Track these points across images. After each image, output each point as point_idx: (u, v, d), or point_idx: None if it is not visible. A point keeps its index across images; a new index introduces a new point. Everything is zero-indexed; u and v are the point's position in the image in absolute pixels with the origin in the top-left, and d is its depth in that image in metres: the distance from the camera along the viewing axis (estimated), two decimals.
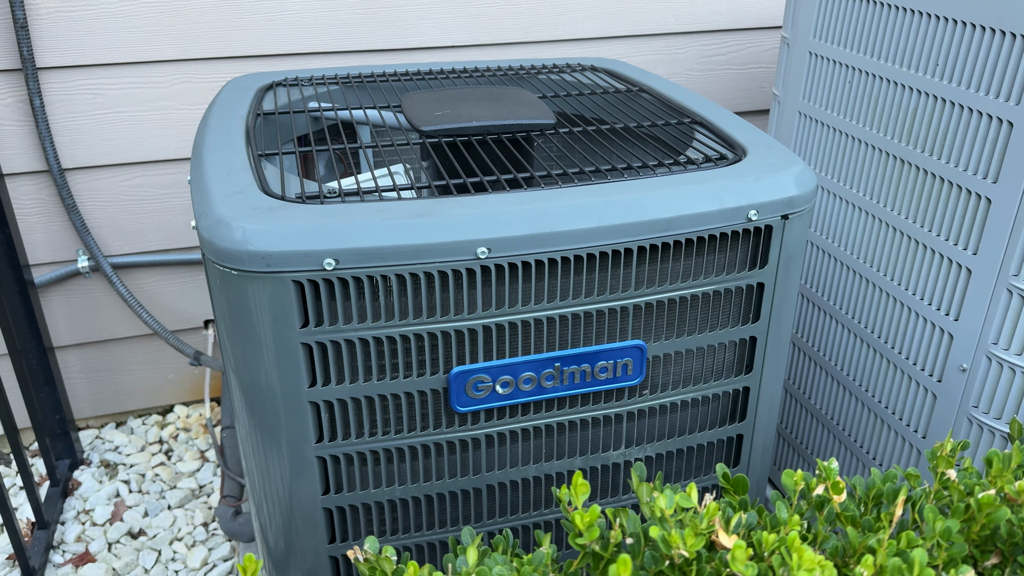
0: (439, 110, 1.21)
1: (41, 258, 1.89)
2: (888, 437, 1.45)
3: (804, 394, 1.67)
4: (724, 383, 1.15)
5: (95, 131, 1.81)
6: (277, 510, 1.07)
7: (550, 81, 1.52)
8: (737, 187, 1.04)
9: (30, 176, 1.82)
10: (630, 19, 2.03)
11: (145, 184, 1.89)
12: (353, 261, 0.92)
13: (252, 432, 1.03)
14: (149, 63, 1.78)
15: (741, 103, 2.21)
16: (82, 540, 1.82)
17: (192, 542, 1.83)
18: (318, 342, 0.96)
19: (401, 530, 1.11)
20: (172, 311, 2.04)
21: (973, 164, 1.20)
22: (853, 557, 0.56)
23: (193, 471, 2.02)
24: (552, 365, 1.04)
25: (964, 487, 0.63)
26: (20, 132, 1.77)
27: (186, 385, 2.18)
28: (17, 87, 1.73)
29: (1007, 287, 1.18)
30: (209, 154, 1.10)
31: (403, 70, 1.54)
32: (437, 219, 0.94)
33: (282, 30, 1.82)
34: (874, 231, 1.41)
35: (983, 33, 1.16)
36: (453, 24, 1.92)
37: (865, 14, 1.38)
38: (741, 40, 2.13)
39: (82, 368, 2.06)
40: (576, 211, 0.98)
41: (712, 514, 0.54)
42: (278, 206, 0.95)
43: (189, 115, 1.85)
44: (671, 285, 1.05)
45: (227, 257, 0.91)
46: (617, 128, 1.26)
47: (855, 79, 1.42)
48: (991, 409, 1.24)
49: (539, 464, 1.11)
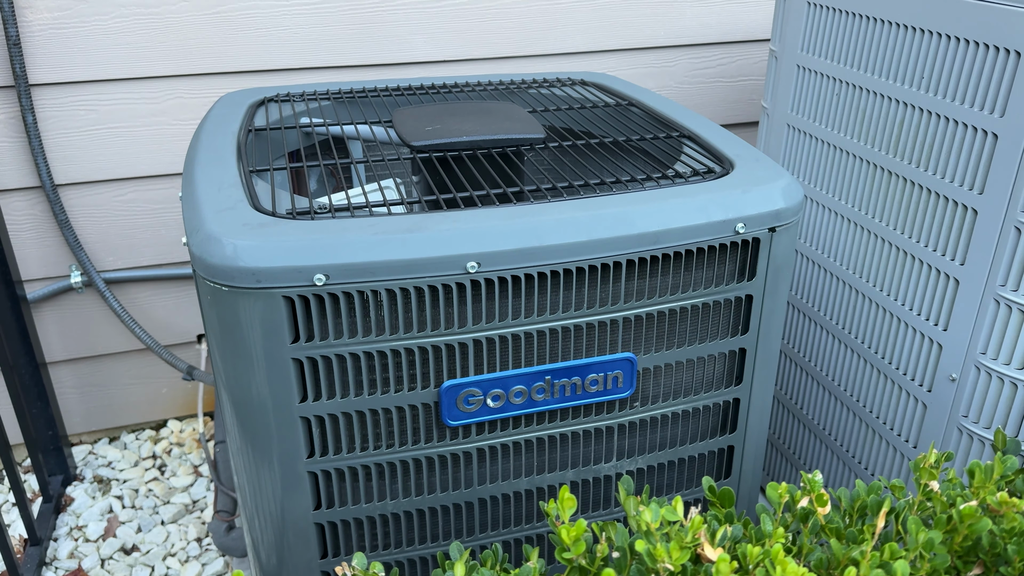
0: (430, 125, 1.21)
1: (34, 274, 1.89)
2: (879, 447, 1.45)
3: (796, 404, 1.67)
4: (714, 395, 1.16)
5: (88, 147, 1.81)
6: (269, 525, 1.07)
7: (540, 95, 1.53)
8: (724, 200, 1.05)
9: (23, 192, 1.82)
10: (620, 33, 2.04)
11: (138, 199, 1.89)
12: (343, 276, 0.93)
13: (243, 447, 1.03)
14: (142, 79, 1.79)
15: (731, 115, 2.22)
16: (75, 556, 1.82)
17: (186, 557, 1.82)
18: (309, 357, 0.96)
19: (393, 545, 1.12)
20: (165, 326, 2.04)
21: (959, 176, 1.21)
22: (837, 569, 0.57)
23: (186, 486, 2.02)
24: (543, 378, 1.05)
25: (947, 498, 0.64)
26: (13, 148, 1.77)
27: (179, 400, 2.18)
28: (10, 104, 1.74)
29: (994, 297, 1.18)
30: (200, 170, 1.11)
31: (394, 85, 1.55)
32: (427, 234, 0.95)
33: (274, 46, 1.83)
34: (862, 242, 1.42)
35: (968, 46, 1.17)
36: (444, 39, 1.93)
37: (852, 28, 1.39)
38: (730, 53, 2.15)
39: (75, 383, 2.06)
40: (565, 225, 0.99)
41: (697, 527, 0.55)
42: (269, 222, 0.96)
43: (182, 131, 1.85)
44: (660, 298, 1.05)
45: (218, 273, 0.92)
46: (606, 142, 1.26)
47: (842, 92, 1.43)
48: (980, 419, 1.25)
49: (530, 477, 1.12)
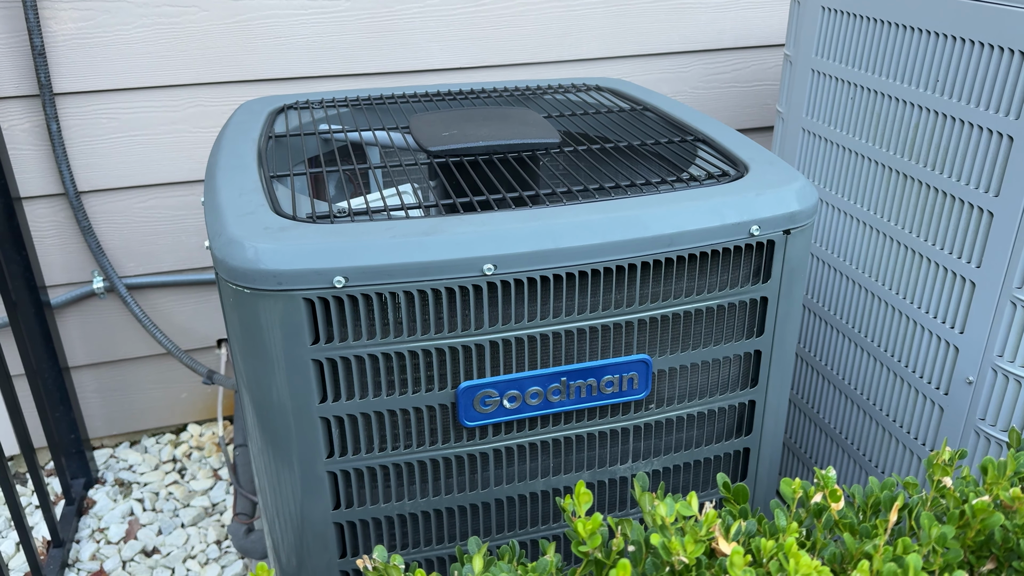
0: (446, 131, 1.23)
1: (57, 279, 1.92)
2: (896, 450, 1.45)
3: (811, 407, 1.67)
4: (730, 396, 1.16)
5: (110, 155, 1.84)
6: (289, 526, 1.09)
7: (555, 101, 1.54)
8: (739, 203, 1.05)
9: (47, 199, 1.85)
10: (635, 39, 2.05)
11: (159, 206, 1.92)
12: (362, 279, 0.94)
13: (264, 449, 1.04)
14: (163, 87, 1.82)
15: (745, 120, 2.23)
16: (97, 558, 1.84)
17: (205, 560, 1.84)
18: (328, 358, 0.98)
19: (410, 544, 1.13)
20: (185, 331, 2.07)
21: (975, 178, 1.21)
22: (850, 563, 0.57)
23: (206, 489, 2.04)
24: (559, 380, 1.06)
25: (960, 494, 0.64)
26: (37, 156, 1.80)
27: (199, 404, 2.21)
28: (35, 112, 1.77)
29: (1011, 299, 1.18)
30: (222, 176, 1.13)
31: (411, 92, 1.57)
32: (444, 237, 0.96)
33: (292, 54, 1.85)
34: (878, 245, 1.43)
35: (982, 49, 1.18)
36: (460, 46, 1.95)
37: (866, 32, 1.40)
38: (745, 58, 2.15)
39: (97, 388, 2.08)
40: (580, 228, 1.00)
41: (711, 521, 0.55)
42: (289, 226, 0.97)
43: (202, 138, 1.88)
44: (675, 300, 1.06)
45: (239, 276, 0.94)
46: (621, 146, 1.27)
47: (857, 96, 1.44)
48: (998, 421, 1.25)
49: (546, 478, 1.13)
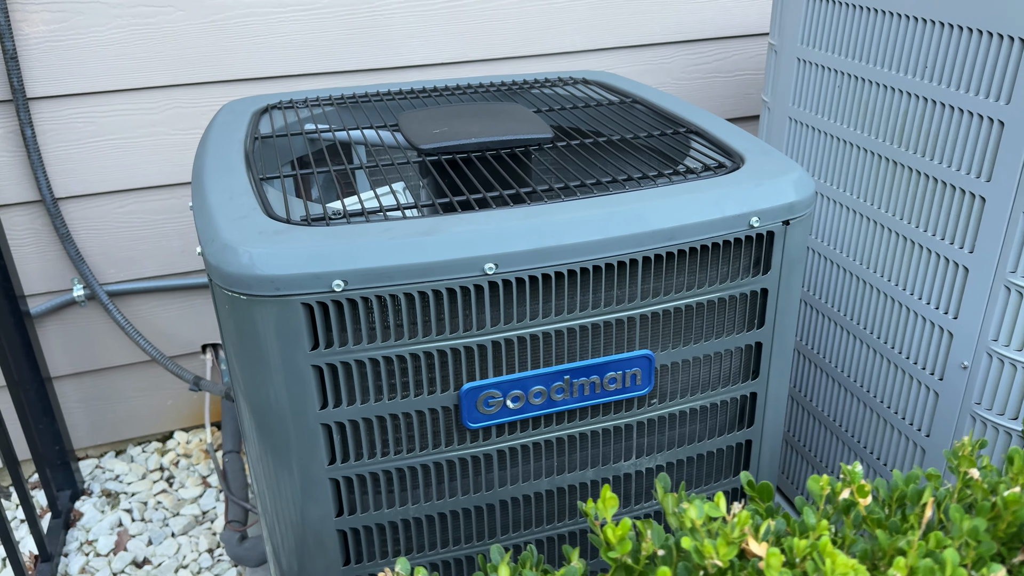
0: (437, 128, 1.21)
1: (36, 288, 1.88)
2: (892, 437, 1.46)
3: (807, 398, 1.68)
4: (731, 389, 1.16)
5: (87, 159, 1.80)
6: (290, 532, 1.07)
7: (543, 95, 1.53)
8: (738, 195, 1.05)
9: (23, 206, 1.81)
10: (616, 31, 2.04)
11: (139, 211, 1.88)
12: (361, 281, 0.92)
13: (263, 455, 1.02)
14: (140, 89, 1.78)
15: (729, 110, 2.23)
16: (86, 571, 1.80)
17: (198, 569, 1.81)
18: (328, 363, 0.96)
19: (415, 549, 1.11)
20: (169, 337, 2.03)
21: (966, 164, 1.22)
22: (883, 559, 0.57)
23: (195, 497, 2.01)
24: (562, 378, 1.05)
25: (988, 485, 0.64)
26: (12, 163, 1.76)
27: (185, 411, 2.17)
28: (8, 118, 1.72)
29: (1004, 284, 1.19)
30: (210, 179, 1.10)
31: (396, 89, 1.54)
32: (443, 237, 0.95)
33: (271, 52, 1.82)
34: (870, 233, 1.43)
35: (971, 35, 1.18)
36: (442, 41, 1.93)
37: (851, 19, 1.40)
38: (727, 48, 2.15)
39: (80, 397, 2.04)
40: (580, 224, 0.99)
41: (744, 522, 0.55)
42: (283, 229, 0.95)
43: (182, 140, 1.85)
44: (676, 294, 1.06)
45: (235, 282, 0.91)
46: (614, 140, 1.26)
47: (844, 84, 1.44)
48: (994, 405, 1.26)
49: (551, 477, 1.12)
